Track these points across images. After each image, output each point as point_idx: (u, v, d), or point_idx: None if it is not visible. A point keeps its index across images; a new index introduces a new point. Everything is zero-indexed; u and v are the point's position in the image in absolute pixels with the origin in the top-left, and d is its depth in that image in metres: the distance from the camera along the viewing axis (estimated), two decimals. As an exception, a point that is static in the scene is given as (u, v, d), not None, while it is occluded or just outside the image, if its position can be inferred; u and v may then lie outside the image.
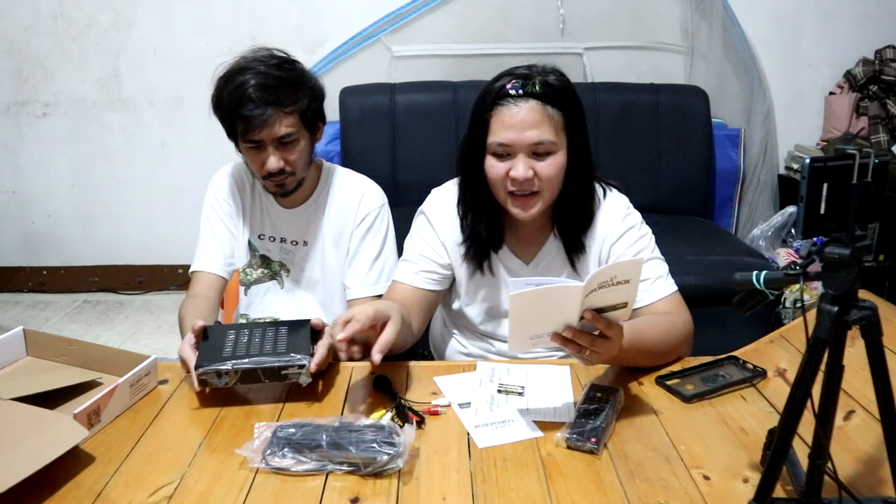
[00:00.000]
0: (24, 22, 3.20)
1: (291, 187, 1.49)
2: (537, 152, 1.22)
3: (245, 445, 0.99)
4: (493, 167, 1.25)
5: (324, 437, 0.97)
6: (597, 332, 1.04)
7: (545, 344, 1.04)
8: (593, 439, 1.00)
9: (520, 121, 1.20)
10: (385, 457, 0.94)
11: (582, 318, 1.01)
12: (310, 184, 1.55)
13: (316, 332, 1.23)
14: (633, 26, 3.20)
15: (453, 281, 1.42)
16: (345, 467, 0.96)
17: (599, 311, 1.01)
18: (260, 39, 1.56)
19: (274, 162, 1.41)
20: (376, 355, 1.09)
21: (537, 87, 1.21)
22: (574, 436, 1.01)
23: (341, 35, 3.15)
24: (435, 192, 1.43)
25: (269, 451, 0.97)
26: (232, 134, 1.45)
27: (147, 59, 3.25)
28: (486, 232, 1.33)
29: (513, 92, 1.21)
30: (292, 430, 0.99)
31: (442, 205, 1.39)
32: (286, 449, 0.97)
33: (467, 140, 1.29)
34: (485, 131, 1.24)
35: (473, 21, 3.17)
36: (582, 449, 1.00)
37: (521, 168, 1.22)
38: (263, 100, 1.37)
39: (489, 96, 1.23)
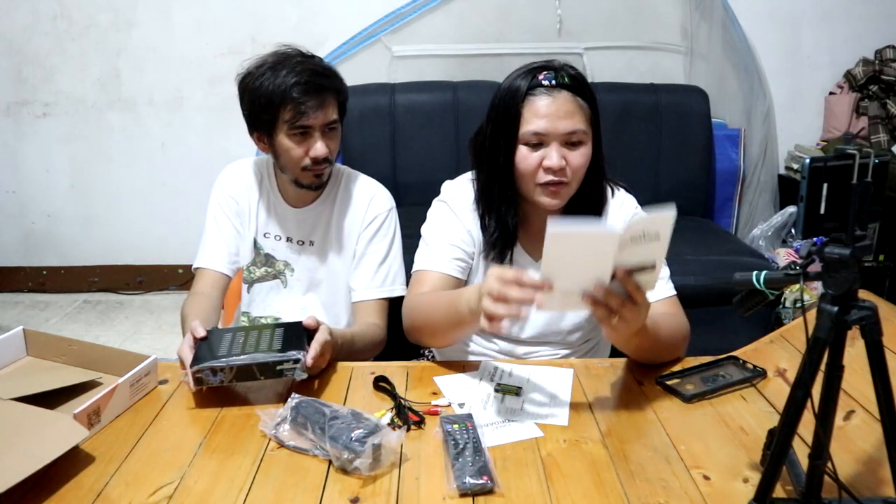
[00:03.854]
0: (24, 22, 3.20)
1: (326, 178, 1.51)
2: (570, 142, 1.24)
3: (270, 411, 1.06)
4: (526, 158, 1.25)
5: (318, 419, 1.00)
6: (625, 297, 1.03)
7: (577, 306, 1.03)
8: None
9: (555, 110, 1.23)
10: (347, 454, 0.94)
11: (613, 277, 1.01)
12: None
13: (311, 332, 1.23)
14: (633, 26, 3.20)
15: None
16: (321, 453, 0.99)
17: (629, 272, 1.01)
18: (260, 39, 1.57)
19: (322, 147, 1.43)
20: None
21: (567, 80, 1.24)
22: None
23: (341, 35, 3.15)
24: (449, 183, 1.43)
25: (279, 421, 1.03)
26: (267, 124, 1.43)
27: (147, 59, 3.26)
28: (512, 223, 1.33)
29: (546, 83, 1.23)
30: (304, 405, 1.04)
31: (462, 195, 1.39)
32: (288, 423, 1.02)
33: (492, 133, 1.28)
34: (516, 122, 1.24)
35: (473, 21, 3.17)
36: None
37: (554, 157, 1.23)
38: (317, 84, 1.40)
39: (520, 89, 1.24)
